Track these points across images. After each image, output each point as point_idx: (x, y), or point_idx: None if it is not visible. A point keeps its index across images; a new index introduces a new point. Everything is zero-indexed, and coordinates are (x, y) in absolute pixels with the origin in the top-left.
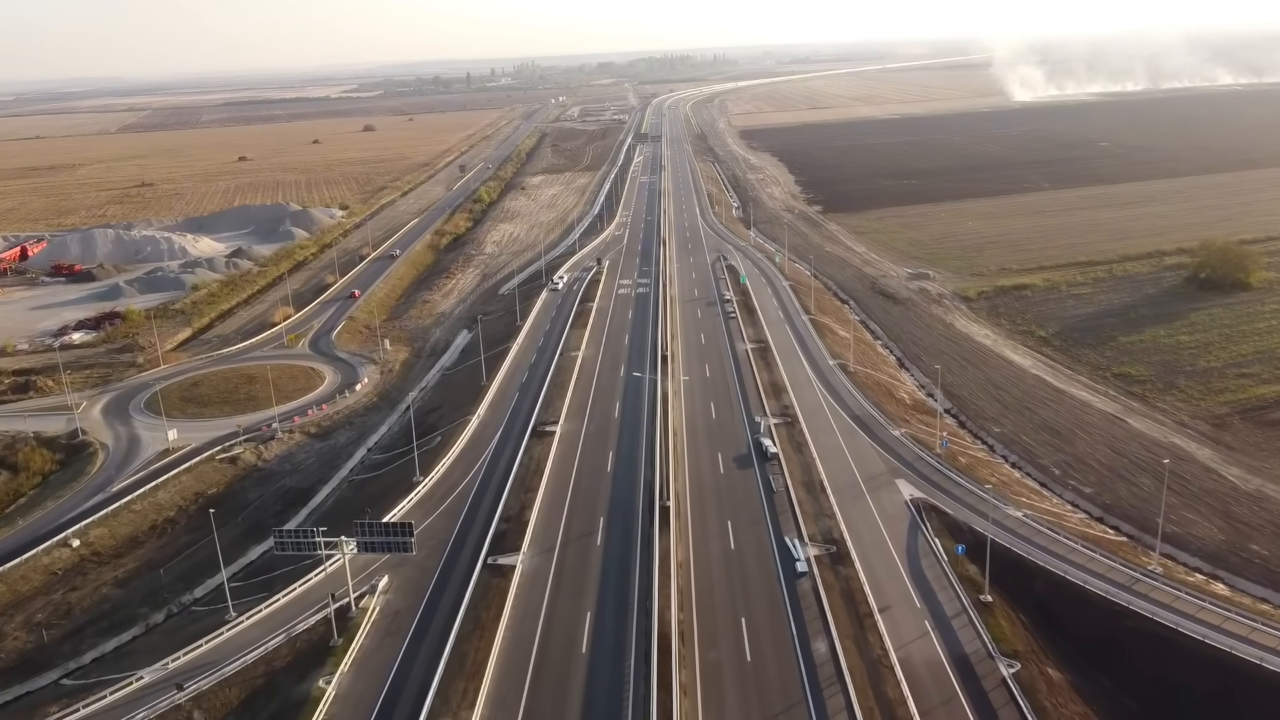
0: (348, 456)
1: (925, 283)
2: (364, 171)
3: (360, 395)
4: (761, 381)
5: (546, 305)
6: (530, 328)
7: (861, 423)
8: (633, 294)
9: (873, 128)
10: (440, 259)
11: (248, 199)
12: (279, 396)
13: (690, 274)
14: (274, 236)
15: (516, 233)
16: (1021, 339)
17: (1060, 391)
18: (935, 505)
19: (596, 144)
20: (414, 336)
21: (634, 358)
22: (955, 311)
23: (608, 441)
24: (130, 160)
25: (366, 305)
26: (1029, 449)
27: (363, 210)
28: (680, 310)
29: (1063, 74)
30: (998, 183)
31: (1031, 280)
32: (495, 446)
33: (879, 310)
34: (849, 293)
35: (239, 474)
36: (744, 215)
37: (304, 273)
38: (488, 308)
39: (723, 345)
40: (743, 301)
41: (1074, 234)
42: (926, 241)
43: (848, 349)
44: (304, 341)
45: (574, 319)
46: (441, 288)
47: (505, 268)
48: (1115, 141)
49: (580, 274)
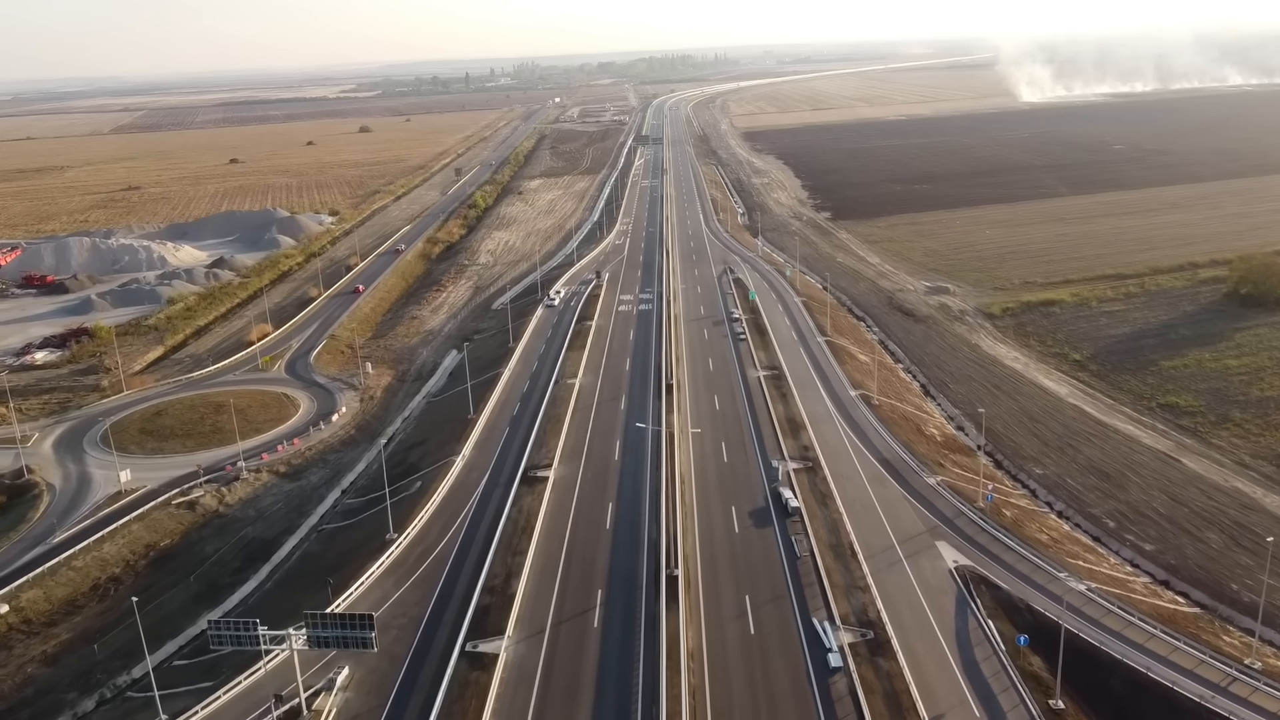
0: (319, 500)
1: (945, 298)
2: (358, 175)
3: (336, 427)
4: (777, 416)
5: (542, 323)
6: (524, 350)
7: (891, 468)
8: (634, 311)
9: (879, 129)
10: (431, 269)
11: (236, 204)
12: (248, 428)
13: (695, 288)
14: (259, 244)
15: (512, 241)
16: (1054, 362)
17: (1104, 425)
18: (985, 576)
19: (596, 146)
20: (399, 358)
21: (636, 387)
22: (980, 331)
23: (607, 490)
24: (120, 162)
25: (349, 322)
26: (1076, 495)
27: (353, 216)
28: (686, 330)
29: (1069, 74)
30: (1013, 188)
31: (1059, 295)
32: (480, 495)
33: (898, 329)
34: (865, 309)
35: (197, 521)
36: (750, 223)
37: (288, 284)
38: (479, 325)
39: (733, 372)
40: (752, 320)
41: (1098, 243)
42: (943, 251)
43: (869, 376)
44: (280, 364)
45: (571, 340)
46: (431, 301)
47: (499, 279)
48: (1130, 144)
49: (578, 288)
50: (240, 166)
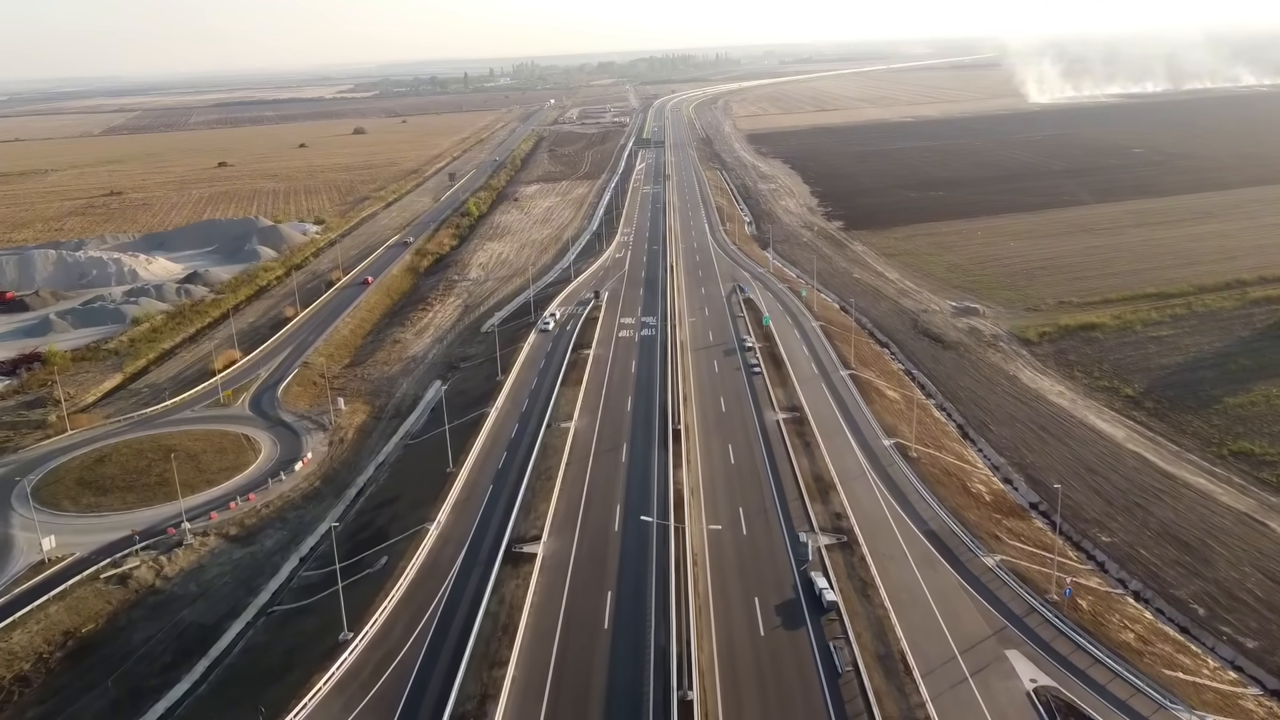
0: (272, 572)
1: (975, 320)
2: (348, 179)
3: (299, 477)
4: (802, 473)
5: (534, 351)
6: (513, 384)
7: (941, 543)
8: (636, 337)
9: (887, 132)
10: (419, 285)
11: (220, 210)
12: (199, 479)
13: (703, 310)
14: (238, 256)
15: (505, 253)
16: (1105, 398)
17: (1171, 478)
18: (1073, 704)
19: (596, 149)
20: (376, 390)
21: (638, 432)
22: (1016, 359)
23: (605, 573)
24: (106, 166)
25: (325, 347)
26: (1154, 571)
27: (340, 225)
28: (693, 361)
29: (1078, 74)
30: (1033, 195)
31: (1099, 318)
32: (455, 578)
33: (926, 357)
34: (887, 333)
35: (128, 600)
36: (759, 233)
37: (264, 301)
38: (466, 351)
39: (748, 414)
40: (767, 349)
41: (1132, 257)
42: (966, 266)
43: (902, 419)
44: (244, 398)
45: (566, 373)
46: (416, 322)
47: (491, 297)
48: (1150, 147)
49: (575, 309)
50: (228, 170)
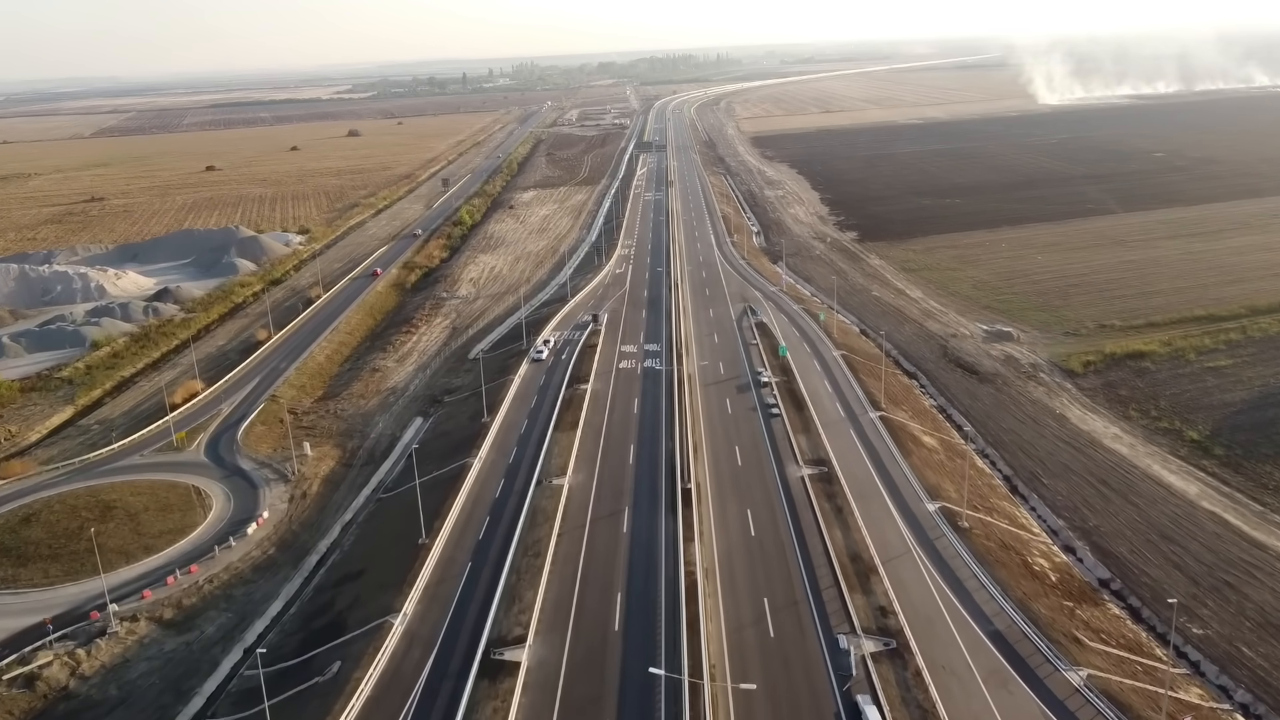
0: (210, 668)
1: (1010, 346)
2: (339, 185)
3: (252, 543)
4: (836, 549)
5: (525, 385)
6: (501, 426)
7: (1011, 650)
8: (638, 369)
9: (895, 134)
10: (405, 303)
11: (203, 217)
12: (137, 544)
13: (712, 336)
14: (215, 269)
15: (498, 267)
16: (1167, 443)
17: (1263, 549)
18: None
19: (595, 152)
20: (350, 429)
21: (642, 492)
22: (1061, 393)
23: (603, 694)
24: (91, 169)
25: (298, 377)
26: (1262, 678)
27: (325, 235)
28: (703, 399)
29: (1086, 75)
30: (1056, 203)
31: (1147, 345)
32: (419, 698)
33: (961, 392)
34: (915, 361)
35: (34, 709)
36: (767, 245)
37: (238, 320)
38: (451, 382)
39: (768, 469)
40: (785, 385)
41: (1172, 273)
42: (993, 283)
43: (943, 473)
44: (201, 440)
45: (560, 413)
46: (399, 347)
47: (481, 318)
48: (1171, 151)
49: (572, 333)
50: (216, 175)
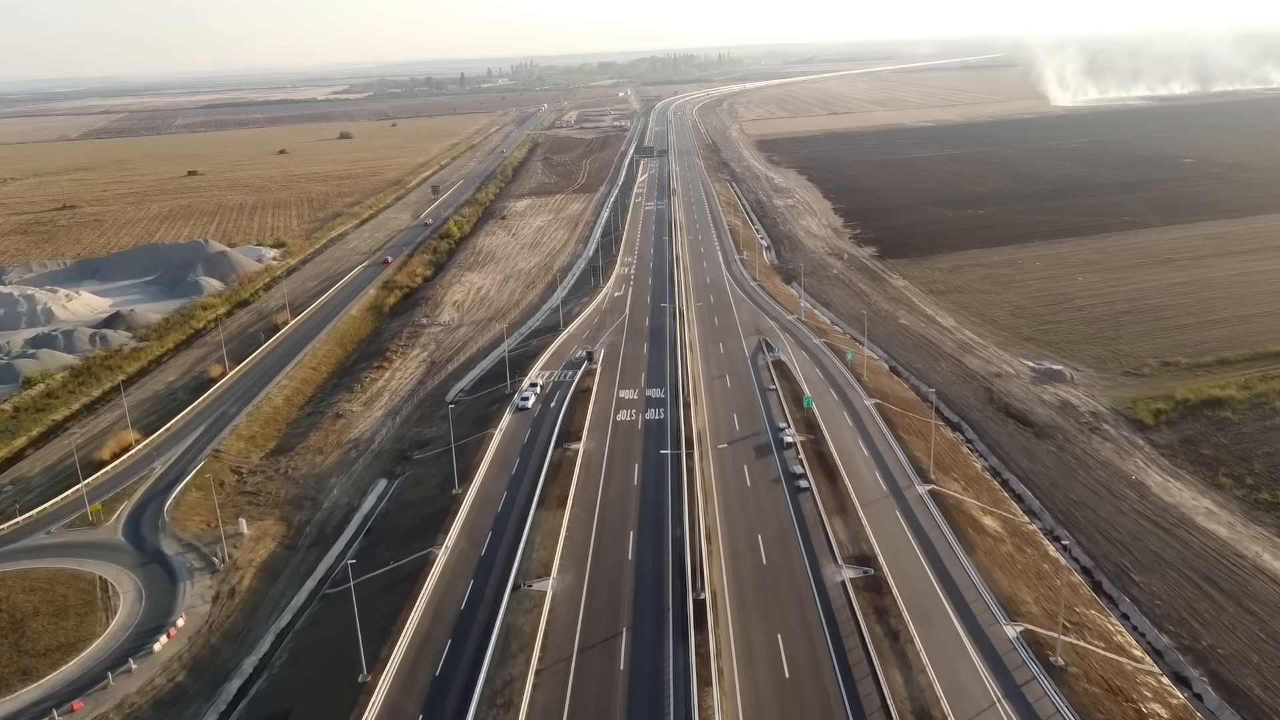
0: None
1: (1063, 388)
2: (324, 191)
3: (158, 665)
4: (896, 701)
5: (507, 443)
6: (474, 502)
7: None
8: (639, 422)
9: (906, 138)
10: (380, 330)
11: (175, 228)
12: (13, 667)
13: (723, 378)
14: (178, 288)
15: (486, 289)
16: (1274, 523)
17: None
18: None
19: (594, 156)
20: (301, 495)
21: (644, 605)
22: (1133, 452)
23: None
24: (71, 174)
25: (249, 424)
26: None
27: (302, 249)
28: (716, 467)
29: (1098, 75)
30: (1088, 214)
31: (1223, 389)
32: None
33: (1015, 449)
34: (957, 408)
35: None
36: (779, 262)
37: (195, 350)
38: (424, 433)
39: (799, 569)
40: (813, 447)
41: (1232, 299)
42: (1033, 308)
43: (1014, 570)
44: (121, 511)
45: (545, 484)
46: (367, 387)
47: (463, 350)
48: (1200, 157)
49: (563, 373)
50: (197, 180)
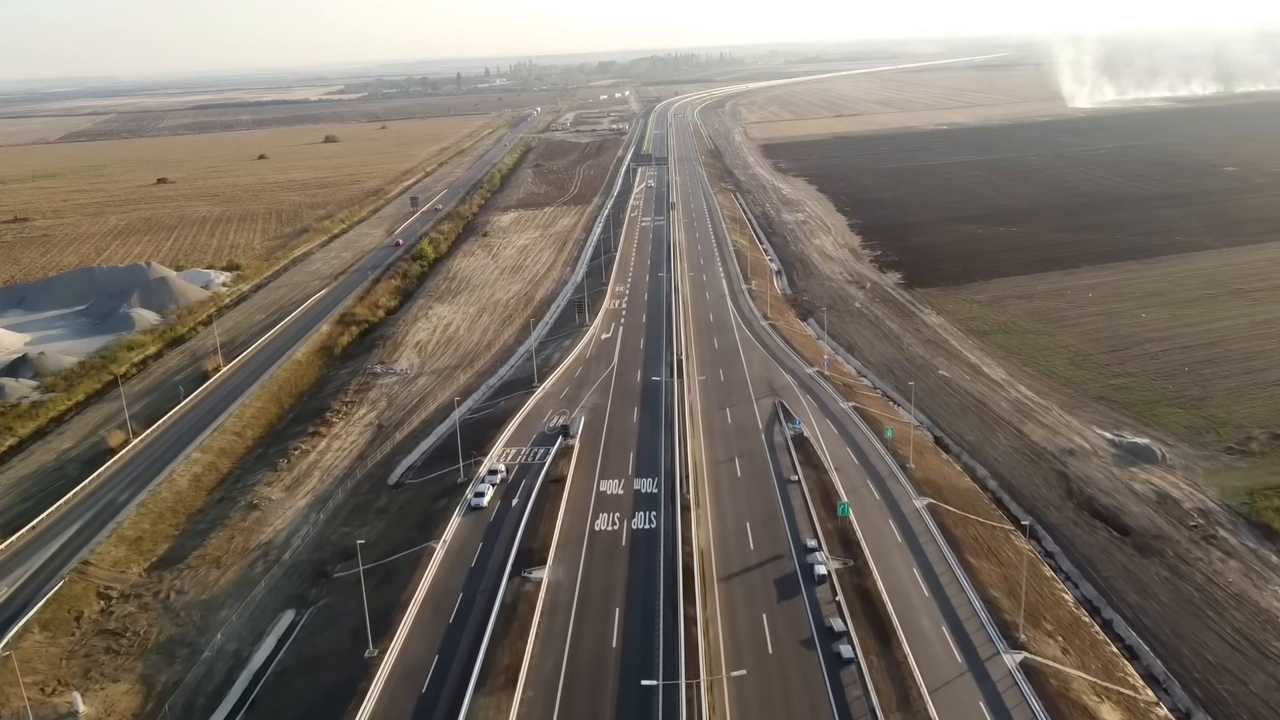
0: None
1: (1154, 472)
2: (296, 202)
3: None
4: None
5: (448, 570)
6: (389, 678)
7: None
8: (624, 531)
9: (918, 142)
10: (326, 380)
11: (128, 246)
12: None
13: (732, 464)
14: (109, 321)
15: (456, 325)
16: None
17: None
18: None
19: (589, 163)
20: (178, 638)
21: None
22: (1271, 576)
23: None
24: (37, 181)
25: (138, 519)
26: None
27: (258, 271)
28: (724, 613)
29: (1114, 75)
30: (1136, 232)
31: None
32: None
33: (1114, 571)
34: (1027, 503)
35: None
36: (792, 291)
37: (106, 405)
38: (354, 532)
39: None
40: (853, 580)
41: None
42: (1096, 355)
43: None
44: None
45: (492, 644)
46: (295, 463)
47: (420, 408)
48: (1242, 164)
49: (532, 452)
50: (165, 189)
